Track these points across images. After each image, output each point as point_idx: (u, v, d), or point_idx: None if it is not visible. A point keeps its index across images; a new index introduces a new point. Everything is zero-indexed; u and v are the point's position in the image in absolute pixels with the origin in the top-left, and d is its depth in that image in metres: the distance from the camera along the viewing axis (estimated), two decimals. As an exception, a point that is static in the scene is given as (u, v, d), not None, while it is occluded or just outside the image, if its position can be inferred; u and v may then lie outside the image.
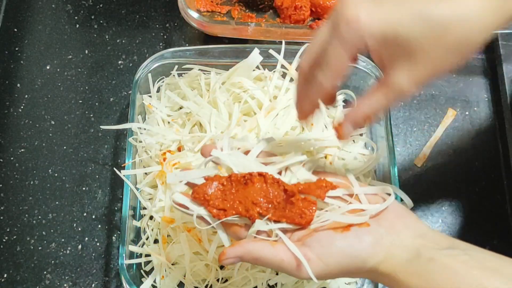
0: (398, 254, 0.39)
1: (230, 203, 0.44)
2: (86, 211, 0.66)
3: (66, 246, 0.64)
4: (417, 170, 0.68)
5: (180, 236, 0.58)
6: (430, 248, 0.39)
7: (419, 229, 0.41)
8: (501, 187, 0.67)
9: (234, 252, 0.41)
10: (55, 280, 0.63)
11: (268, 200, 0.44)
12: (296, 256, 0.40)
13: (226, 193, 0.44)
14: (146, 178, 0.62)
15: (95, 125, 0.71)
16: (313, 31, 0.70)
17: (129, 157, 0.62)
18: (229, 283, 0.59)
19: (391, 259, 0.39)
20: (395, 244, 0.40)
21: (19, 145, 0.69)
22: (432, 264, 0.38)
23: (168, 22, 0.77)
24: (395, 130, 0.69)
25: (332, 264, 0.39)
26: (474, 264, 0.37)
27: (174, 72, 0.67)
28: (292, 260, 0.40)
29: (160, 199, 0.61)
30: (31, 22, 0.77)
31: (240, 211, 0.44)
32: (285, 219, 0.43)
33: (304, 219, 0.42)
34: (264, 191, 0.44)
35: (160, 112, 0.66)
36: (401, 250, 0.39)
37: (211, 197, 0.44)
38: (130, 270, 0.57)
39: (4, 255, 0.64)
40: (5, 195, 0.67)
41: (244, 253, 0.41)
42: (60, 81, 0.73)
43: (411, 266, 0.38)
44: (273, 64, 0.67)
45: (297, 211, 0.42)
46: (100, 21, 0.77)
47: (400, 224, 0.41)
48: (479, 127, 0.70)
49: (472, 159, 0.69)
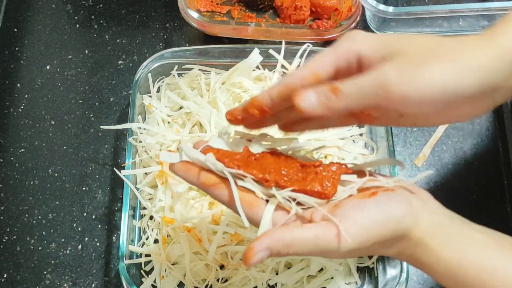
0: (429, 218, 0.39)
1: (246, 168, 0.40)
2: (86, 211, 0.66)
3: (66, 246, 0.64)
4: (417, 170, 0.68)
5: (180, 236, 0.58)
6: (458, 218, 0.39)
7: (438, 203, 0.41)
8: (501, 187, 0.67)
9: (262, 244, 0.36)
10: (55, 280, 0.63)
11: (286, 172, 0.40)
12: (330, 227, 0.36)
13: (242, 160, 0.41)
14: (146, 178, 0.62)
15: (95, 125, 0.71)
16: (313, 31, 0.70)
17: (129, 157, 0.62)
18: (229, 283, 0.59)
19: (422, 222, 0.38)
20: (426, 209, 0.39)
21: (19, 145, 0.69)
22: (464, 234, 0.38)
23: (168, 22, 0.77)
24: (395, 130, 0.69)
25: (370, 226, 0.37)
26: (505, 242, 0.38)
27: (174, 72, 0.67)
28: (327, 231, 0.36)
29: (160, 199, 0.61)
30: (31, 22, 0.77)
31: (255, 174, 0.39)
32: (306, 191, 0.39)
33: (327, 189, 0.39)
34: (280, 163, 0.41)
35: (160, 112, 0.66)
36: (431, 215, 0.39)
37: (227, 156, 0.41)
38: (130, 270, 0.57)
39: (4, 255, 0.64)
40: (5, 195, 0.67)
41: (273, 242, 0.36)
42: (60, 81, 0.73)
43: (443, 233, 0.38)
44: (273, 64, 0.67)
45: (320, 182, 0.39)
46: (100, 21, 0.77)
47: (423, 195, 0.41)
48: (479, 127, 0.70)
49: (472, 159, 0.69)
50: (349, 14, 0.70)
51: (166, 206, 0.60)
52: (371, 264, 0.60)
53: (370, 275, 0.61)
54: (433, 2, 0.77)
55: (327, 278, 0.59)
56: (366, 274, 0.61)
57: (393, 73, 0.35)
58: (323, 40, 0.71)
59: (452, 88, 0.35)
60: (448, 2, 0.72)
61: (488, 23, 0.72)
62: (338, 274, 0.59)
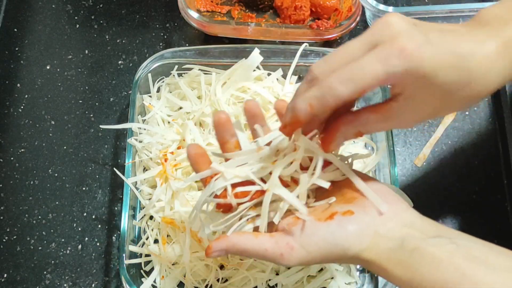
0: (382, 243, 0.40)
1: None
2: (86, 211, 0.66)
3: (66, 246, 0.64)
4: (417, 170, 0.68)
5: (180, 236, 0.58)
6: (415, 238, 0.39)
7: (407, 217, 0.41)
8: (501, 186, 0.67)
9: (220, 245, 0.43)
10: (55, 280, 0.63)
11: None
12: (279, 246, 0.41)
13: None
14: (146, 178, 0.62)
15: (95, 125, 0.70)
16: (313, 31, 0.70)
17: (129, 157, 0.62)
18: (229, 283, 0.59)
19: (374, 248, 0.40)
20: (380, 234, 0.40)
21: (19, 145, 0.69)
22: (416, 254, 0.38)
23: (168, 22, 0.77)
24: (395, 130, 0.69)
25: (314, 251, 0.40)
26: (460, 253, 0.37)
27: (174, 72, 0.67)
28: (275, 249, 0.41)
29: (160, 199, 0.61)
30: (31, 22, 0.77)
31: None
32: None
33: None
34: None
35: (160, 112, 0.66)
36: (385, 240, 0.40)
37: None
38: (130, 270, 0.57)
39: (4, 255, 0.64)
40: (5, 195, 0.67)
41: (229, 246, 0.43)
42: (60, 81, 0.73)
43: (394, 256, 0.39)
44: (273, 64, 0.67)
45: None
46: (100, 21, 0.77)
47: (388, 211, 0.41)
48: (479, 127, 0.70)
49: (472, 159, 0.69)
50: (349, 14, 0.70)
51: (166, 206, 0.60)
52: (371, 264, 0.60)
53: (370, 275, 0.61)
54: (433, 2, 0.77)
55: (327, 278, 0.59)
56: (366, 274, 0.61)
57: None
58: (323, 40, 0.71)
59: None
60: (448, 2, 0.72)
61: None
62: (338, 274, 0.59)
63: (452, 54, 0.36)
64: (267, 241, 0.42)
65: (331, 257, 0.41)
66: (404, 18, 0.37)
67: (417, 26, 0.37)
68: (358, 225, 0.40)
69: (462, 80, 0.36)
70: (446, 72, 0.36)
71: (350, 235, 0.40)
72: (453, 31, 0.38)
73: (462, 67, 0.36)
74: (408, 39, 0.35)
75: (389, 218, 0.41)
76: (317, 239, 0.40)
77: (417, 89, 0.37)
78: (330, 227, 0.40)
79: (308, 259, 0.41)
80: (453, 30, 0.38)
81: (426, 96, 0.37)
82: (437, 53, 0.36)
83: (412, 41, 0.35)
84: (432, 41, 0.36)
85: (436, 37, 0.36)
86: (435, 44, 0.36)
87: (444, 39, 0.37)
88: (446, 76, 0.36)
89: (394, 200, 0.42)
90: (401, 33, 0.36)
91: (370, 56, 0.36)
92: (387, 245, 0.39)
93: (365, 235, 0.40)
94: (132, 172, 0.62)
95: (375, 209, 0.41)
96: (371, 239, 0.40)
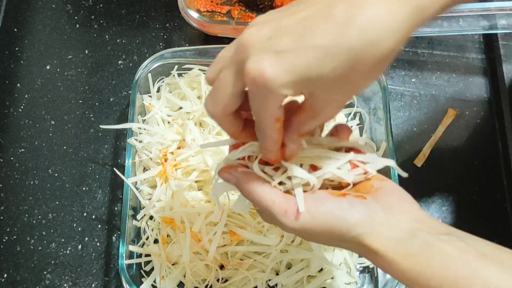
0: (389, 232, 0.39)
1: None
2: (86, 211, 0.66)
3: (66, 246, 0.64)
4: (417, 170, 0.68)
5: (180, 236, 0.59)
6: (425, 232, 0.38)
7: (417, 215, 0.41)
8: (501, 186, 0.67)
9: (233, 174, 0.42)
10: (55, 280, 0.63)
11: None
12: (287, 202, 0.40)
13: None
14: (146, 178, 0.62)
15: (95, 125, 0.71)
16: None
17: (129, 157, 0.62)
18: (229, 283, 0.59)
19: (380, 235, 0.39)
20: (388, 223, 0.39)
21: (19, 145, 0.69)
22: (426, 247, 0.37)
23: (168, 22, 0.77)
24: (395, 130, 0.69)
25: (318, 219, 0.40)
26: (470, 250, 0.37)
27: (174, 72, 0.67)
28: (282, 204, 0.40)
29: (160, 199, 0.61)
30: (31, 22, 0.77)
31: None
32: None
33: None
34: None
35: (160, 112, 0.66)
36: (394, 229, 0.39)
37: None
38: (130, 270, 0.57)
39: (4, 255, 0.64)
40: (5, 195, 0.67)
41: (240, 181, 0.42)
42: (60, 81, 0.73)
43: (401, 247, 0.38)
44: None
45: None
46: (100, 21, 0.77)
47: (399, 207, 0.41)
48: (479, 127, 0.70)
49: (472, 159, 0.69)
50: (349, 14, 0.70)
51: (166, 206, 0.60)
52: (371, 264, 0.60)
53: (370, 275, 0.61)
54: (433, 2, 0.77)
55: (327, 278, 0.59)
56: (366, 274, 0.61)
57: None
58: (323, 40, 0.71)
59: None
60: (448, 2, 0.72)
61: (488, 23, 0.72)
62: (338, 274, 0.59)
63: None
64: (277, 195, 0.41)
65: (333, 233, 0.40)
66: (259, 31, 0.35)
67: (271, 39, 0.35)
68: (368, 209, 0.40)
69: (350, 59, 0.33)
70: (318, 70, 0.34)
71: (358, 214, 0.39)
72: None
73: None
74: (256, 65, 0.34)
75: (400, 211, 0.40)
76: (325, 209, 0.40)
77: (313, 90, 0.36)
78: (341, 202, 0.40)
79: (309, 227, 0.40)
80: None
81: (326, 91, 0.36)
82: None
83: (260, 66, 0.34)
84: (283, 56, 0.34)
85: (288, 46, 0.34)
86: (286, 58, 0.34)
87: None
88: (321, 72, 0.34)
89: (407, 199, 0.42)
90: (250, 55, 0.35)
91: (229, 76, 0.37)
92: (395, 234, 0.39)
93: (373, 220, 0.39)
94: (132, 172, 0.62)
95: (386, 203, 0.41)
96: (378, 226, 0.39)
